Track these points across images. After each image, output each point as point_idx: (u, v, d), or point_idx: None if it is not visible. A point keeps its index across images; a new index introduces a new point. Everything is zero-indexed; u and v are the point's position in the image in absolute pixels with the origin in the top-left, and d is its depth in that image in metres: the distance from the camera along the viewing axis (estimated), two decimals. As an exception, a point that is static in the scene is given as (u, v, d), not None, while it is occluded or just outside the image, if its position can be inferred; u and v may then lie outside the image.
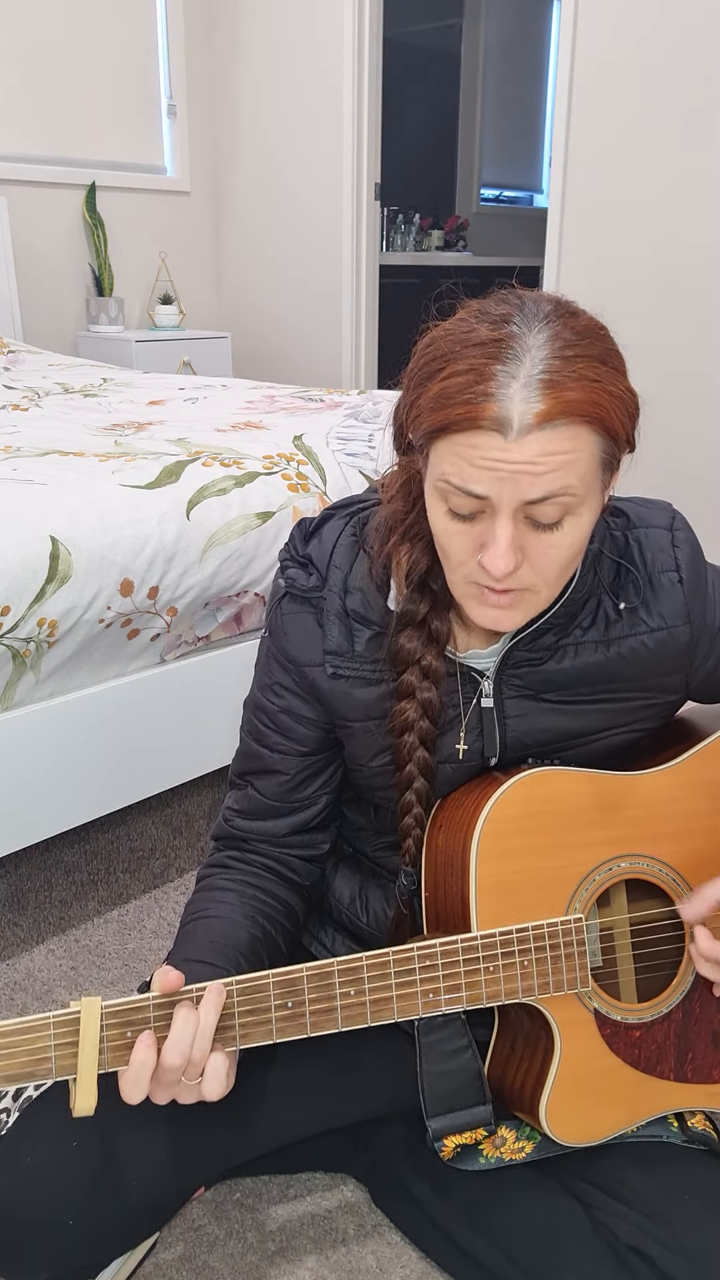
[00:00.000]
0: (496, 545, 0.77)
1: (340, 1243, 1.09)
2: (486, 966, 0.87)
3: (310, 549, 0.96)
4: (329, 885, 1.09)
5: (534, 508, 0.76)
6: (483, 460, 0.74)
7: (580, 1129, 0.92)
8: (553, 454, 0.73)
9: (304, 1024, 0.82)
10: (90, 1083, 0.75)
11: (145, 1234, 0.98)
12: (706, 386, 2.98)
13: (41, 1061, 0.74)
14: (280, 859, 1.02)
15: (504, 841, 0.89)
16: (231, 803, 1.04)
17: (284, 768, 1.00)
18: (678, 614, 0.93)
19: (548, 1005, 0.90)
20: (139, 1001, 0.77)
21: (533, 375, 0.73)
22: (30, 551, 1.30)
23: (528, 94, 5.51)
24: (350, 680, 0.94)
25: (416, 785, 0.93)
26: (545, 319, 0.76)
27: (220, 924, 0.94)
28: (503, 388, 0.73)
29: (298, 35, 3.66)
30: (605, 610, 0.92)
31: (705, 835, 0.95)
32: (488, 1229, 0.96)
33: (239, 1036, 0.80)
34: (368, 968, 0.83)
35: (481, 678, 0.93)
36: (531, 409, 0.72)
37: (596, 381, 0.74)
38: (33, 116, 3.50)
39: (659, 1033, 0.95)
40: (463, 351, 0.75)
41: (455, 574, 0.83)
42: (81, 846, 1.81)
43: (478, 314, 0.78)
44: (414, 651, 0.90)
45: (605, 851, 0.92)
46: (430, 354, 0.78)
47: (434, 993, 0.85)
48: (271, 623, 0.99)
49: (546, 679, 0.93)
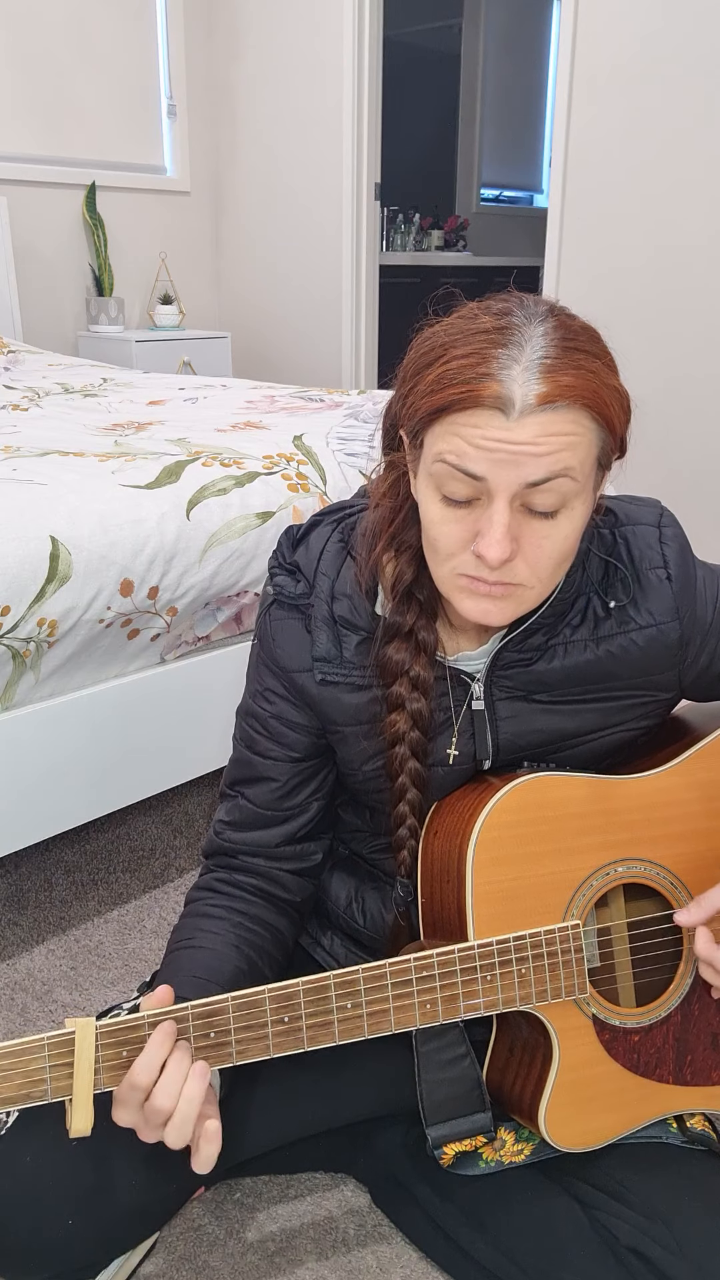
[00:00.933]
0: (492, 531, 0.76)
1: (340, 1243, 1.09)
2: (484, 976, 0.86)
3: (297, 556, 0.96)
4: (326, 888, 1.09)
5: (532, 493, 0.76)
6: (483, 440, 0.74)
7: (579, 1135, 0.92)
8: (554, 435, 0.74)
9: (300, 1039, 0.81)
10: (86, 1104, 0.75)
11: (145, 1234, 0.98)
12: (707, 386, 2.98)
13: (37, 1084, 0.74)
14: (271, 875, 1.01)
15: (500, 849, 0.88)
16: (222, 815, 1.03)
17: (275, 774, 0.99)
18: (667, 611, 0.93)
19: (546, 1012, 0.90)
20: (133, 1021, 0.77)
21: (534, 359, 0.74)
22: (30, 551, 1.30)
23: (528, 94, 5.51)
24: (339, 686, 0.94)
25: (409, 796, 0.92)
26: (544, 316, 0.78)
27: (205, 956, 0.93)
28: (504, 369, 0.74)
29: (298, 35, 3.66)
30: (594, 609, 0.92)
31: (702, 838, 0.95)
32: (488, 1230, 0.96)
33: (235, 1053, 0.79)
34: (364, 980, 0.82)
35: (472, 680, 0.93)
36: (533, 390, 0.73)
37: (594, 373, 0.76)
38: (33, 116, 3.50)
39: (658, 1036, 0.94)
40: (464, 338, 0.76)
41: (443, 567, 0.82)
42: (81, 846, 1.81)
43: (478, 308, 0.79)
44: (402, 663, 0.90)
45: (602, 856, 0.92)
46: (429, 344, 0.79)
47: (431, 1004, 0.85)
48: (261, 629, 0.99)
49: (537, 679, 0.93)
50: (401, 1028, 0.84)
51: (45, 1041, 0.74)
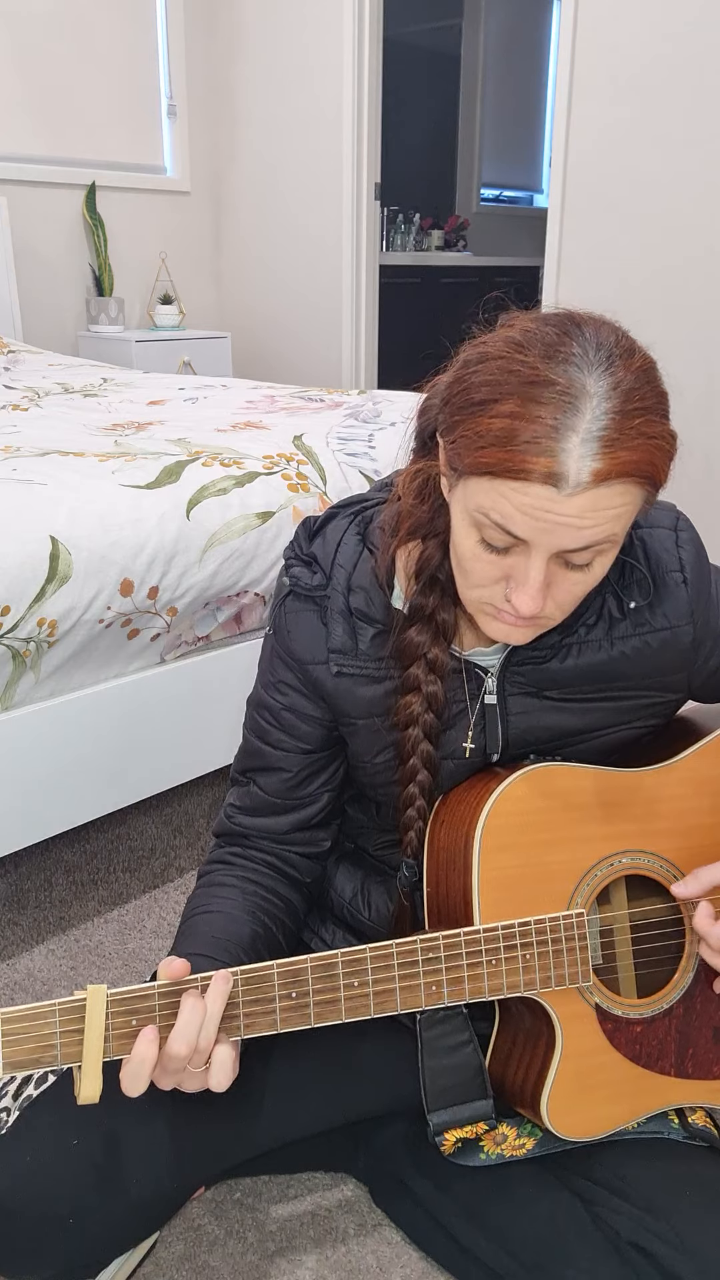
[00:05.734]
0: (527, 586, 0.76)
1: (340, 1242, 1.09)
2: (489, 960, 0.87)
3: (314, 547, 0.96)
4: (331, 881, 1.09)
5: (571, 553, 0.76)
6: (530, 508, 0.72)
7: (581, 1124, 0.93)
8: (602, 509, 0.72)
9: (308, 1014, 0.82)
10: (95, 1070, 0.75)
11: (145, 1233, 0.98)
12: (707, 386, 2.98)
13: (47, 1048, 0.74)
14: (281, 855, 1.02)
15: (506, 836, 0.89)
16: (233, 799, 1.04)
17: (286, 765, 1.00)
18: (682, 614, 0.93)
19: (549, 1000, 0.90)
20: (145, 989, 0.77)
21: (593, 432, 0.70)
22: (30, 551, 1.30)
23: (528, 94, 5.51)
24: (354, 678, 0.95)
25: (420, 778, 0.93)
26: (607, 362, 0.72)
27: (221, 919, 0.94)
28: (561, 441, 0.70)
29: (298, 36, 3.66)
30: (610, 609, 0.93)
31: (706, 832, 0.96)
32: (489, 1226, 0.96)
33: (243, 1026, 0.80)
34: (371, 959, 0.84)
35: (485, 675, 0.94)
36: (589, 467, 0.70)
37: (654, 439, 0.72)
38: (33, 116, 3.50)
39: (660, 1028, 0.95)
40: (518, 389, 0.71)
41: (472, 592, 0.82)
42: (81, 846, 1.81)
43: (533, 344, 0.73)
44: (420, 645, 0.90)
45: (607, 847, 0.93)
46: (479, 379, 0.74)
47: (436, 985, 0.86)
48: (275, 620, 0.99)
49: (549, 677, 0.93)
50: (407, 1008, 0.85)
51: (57, 1007, 0.75)
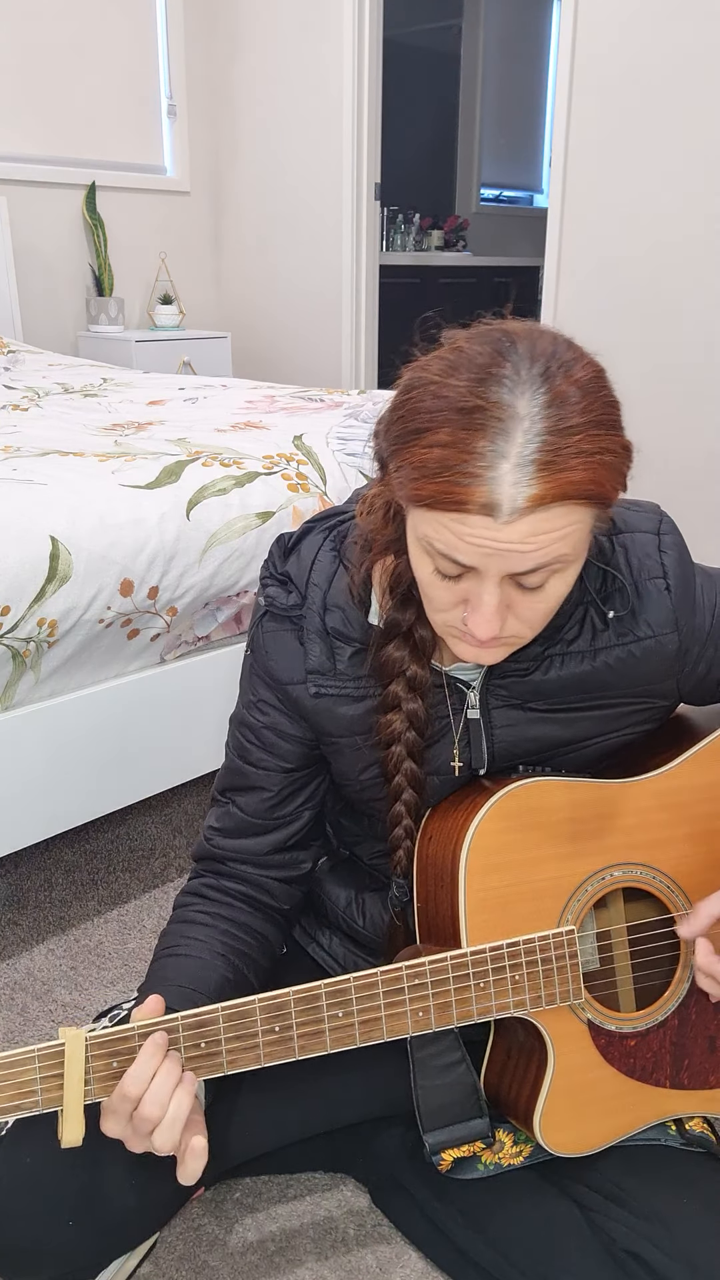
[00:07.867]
0: (481, 611, 0.74)
1: (340, 1243, 1.09)
2: (477, 983, 0.85)
3: (289, 566, 0.95)
4: (325, 889, 1.09)
5: (522, 576, 0.73)
6: (470, 537, 0.70)
7: (576, 1140, 0.92)
8: (545, 533, 0.70)
9: (291, 1048, 0.81)
10: (77, 1114, 0.75)
11: (145, 1235, 0.98)
12: (705, 386, 2.98)
13: (28, 1095, 0.74)
14: (258, 883, 1.00)
15: (493, 856, 0.88)
16: (213, 820, 1.02)
17: (267, 784, 0.99)
18: (666, 622, 0.91)
19: (541, 1018, 0.89)
20: (123, 1032, 0.77)
21: (526, 455, 0.67)
22: (30, 551, 1.30)
23: (528, 94, 5.50)
24: (334, 698, 0.93)
25: (405, 797, 0.92)
26: (541, 379, 0.68)
27: (191, 965, 0.93)
28: (491, 469, 0.67)
29: (298, 36, 3.66)
30: (592, 619, 0.90)
31: (699, 841, 0.95)
32: (486, 1232, 0.96)
33: (226, 1063, 0.79)
34: (355, 989, 0.82)
35: (468, 689, 0.92)
36: (523, 493, 0.67)
37: (596, 454, 0.68)
38: (33, 116, 3.50)
39: (654, 1041, 0.94)
40: (450, 417, 0.68)
41: (437, 616, 0.81)
42: (81, 846, 1.81)
43: (465, 366, 0.69)
44: (399, 662, 0.88)
45: (598, 861, 0.91)
46: (410, 406, 0.71)
47: (424, 1011, 0.84)
48: (253, 640, 0.98)
49: (533, 689, 0.92)
50: (394, 1035, 0.84)
51: (36, 1054, 0.74)
